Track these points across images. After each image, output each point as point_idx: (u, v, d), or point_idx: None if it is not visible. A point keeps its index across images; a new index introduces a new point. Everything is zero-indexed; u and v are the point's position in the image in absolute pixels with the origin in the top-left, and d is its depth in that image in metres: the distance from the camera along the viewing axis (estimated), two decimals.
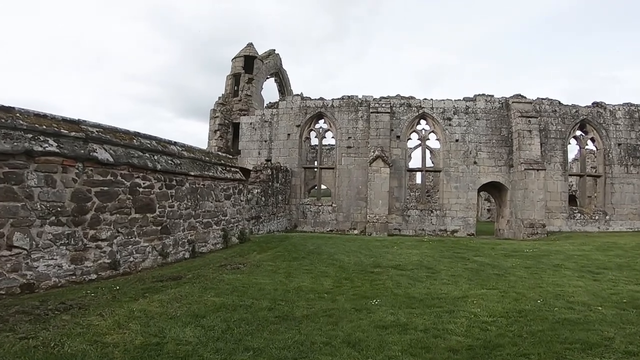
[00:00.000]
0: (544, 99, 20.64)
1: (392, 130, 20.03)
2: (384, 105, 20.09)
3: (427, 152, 21.37)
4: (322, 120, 21.32)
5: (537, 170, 18.25)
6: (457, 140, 20.06)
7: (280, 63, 26.66)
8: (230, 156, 10.71)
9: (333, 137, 21.20)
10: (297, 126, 20.71)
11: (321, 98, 21.12)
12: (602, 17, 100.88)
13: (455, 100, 20.51)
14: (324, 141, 23.20)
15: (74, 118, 6.33)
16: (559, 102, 20.66)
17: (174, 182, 7.89)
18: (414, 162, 22.30)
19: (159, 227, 7.56)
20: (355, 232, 19.64)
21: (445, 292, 5.80)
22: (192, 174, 8.39)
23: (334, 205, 20.42)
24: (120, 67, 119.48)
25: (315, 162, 25.67)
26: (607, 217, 19.88)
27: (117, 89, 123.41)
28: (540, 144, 19.24)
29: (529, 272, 7.39)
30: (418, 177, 34.24)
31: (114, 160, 6.50)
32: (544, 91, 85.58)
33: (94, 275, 6.19)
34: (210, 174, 9.12)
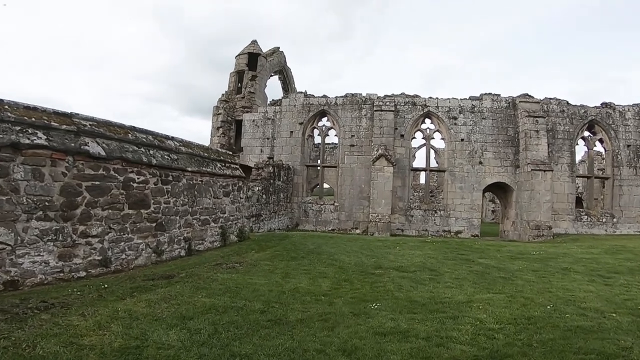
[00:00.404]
0: (552, 98, 20.24)
1: (396, 129, 19.71)
2: (388, 103, 19.78)
3: (431, 151, 21.04)
4: (325, 118, 21.05)
5: (544, 171, 17.87)
6: (462, 140, 19.72)
7: (285, 61, 26.41)
8: (230, 152, 10.47)
9: (336, 136, 20.93)
10: (300, 124, 20.45)
11: (324, 96, 20.85)
12: (609, 17, 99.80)
13: (461, 99, 20.16)
14: (327, 139, 22.97)
15: (65, 111, 6.11)
16: (567, 102, 20.25)
17: (170, 178, 7.67)
18: (418, 161, 21.96)
19: (154, 224, 7.34)
20: (357, 231, 19.37)
21: (449, 296, 5.52)
22: (189, 169, 8.16)
23: (336, 204, 20.15)
24: (126, 66, 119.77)
25: (318, 160, 25.44)
26: (614, 219, 19.47)
27: (124, 87, 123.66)
28: (548, 145, 18.86)
29: (537, 276, 7.10)
30: (422, 177, 33.89)
31: (106, 154, 6.28)
32: (552, 92, 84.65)
33: (83, 273, 5.98)
34: (209, 170, 8.88)
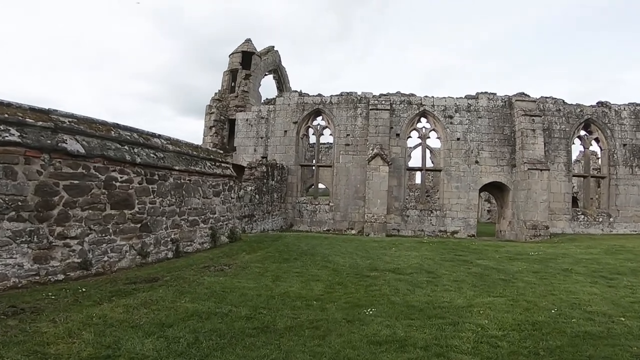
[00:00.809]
0: (548, 97, 20.09)
1: (392, 128, 19.46)
2: (383, 102, 19.53)
3: (427, 151, 20.82)
4: (320, 117, 20.75)
5: (540, 170, 17.69)
6: (458, 139, 19.50)
7: (279, 60, 26.07)
8: (221, 151, 10.14)
9: (331, 135, 20.61)
10: (294, 123, 20.14)
11: (319, 94, 20.56)
12: (610, 17, 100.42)
13: (457, 98, 19.94)
14: (322, 139, 22.65)
15: (43, 107, 5.79)
16: (563, 101, 20.10)
17: (156, 177, 7.33)
18: (414, 161, 21.78)
19: (138, 225, 7.01)
20: (352, 232, 19.08)
21: (447, 300, 5.24)
22: (176, 168, 7.83)
23: (331, 204, 19.85)
24: (125, 65, 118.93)
25: (313, 160, 25.12)
26: (611, 219, 19.34)
27: (122, 87, 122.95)
28: (544, 144, 18.69)
29: (538, 278, 6.84)
30: (417, 177, 33.70)
31: (86, 152, 5.94)
32: (551, 92, 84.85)
33: (61, 276, 5.65)
34: (198, 169, 8.55)
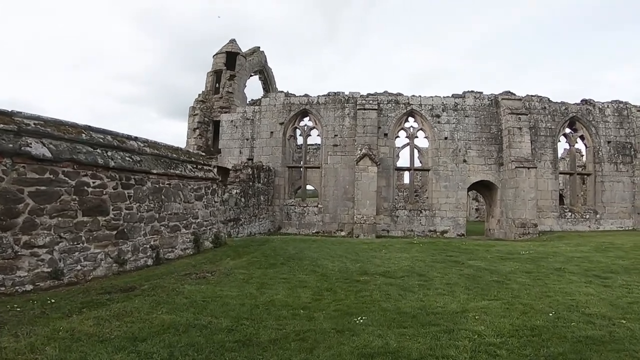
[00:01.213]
0: (534, 96, 20.18)
1: (380, 127, 19.29)
2: (371, 101, 19.35)
3: (415, 151, 20.71)
4: (307, 118, 20.47)
5: (528, 168, 17.71)
6: (446, 138, 19.44)
7: (265, 60, 25.72)
8: (202, 153, 9.77)
9: (319, 136, 20.36)
10: (281, 124, 19.81)
11: (306, 95, 20.28)
12: (589, 19, 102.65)
13: (444, 97, 19.90)
14: (310, 140, 22.38)
15: (6, 109, 5.38)
16: (549, 100, 20.23)
17: (132, 181, 6.95)
18: (402, 161, 21.64)
19: (114, 232, 6.62)
20: (342, 233, 18.82)
21: (441, 305, 4.99)
22: (154, 172, 7.45)
23: (319, 206, 19.57)
24: (105, 67, 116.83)
25: (301, 161, 24.81)
26: (597, 215, 19.50)
27: (102, 89, 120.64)
28: (531, 142, 18.75)
29: (532, 278, 6.65)
30: (406, 177, 33.65)
31: (53, 155, 5.54)
32: (534, 90, 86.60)
33: (30, 287, 5.26)
34: (178, 172, 8.17)
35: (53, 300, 4.80)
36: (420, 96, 19.88)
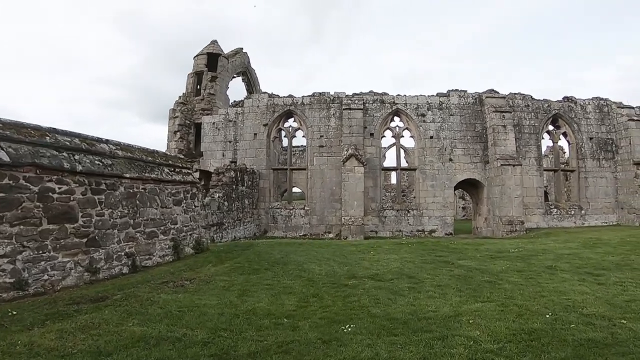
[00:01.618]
0: (517, 93, 20.28)
1: (366, 127, 19.09)
2: (356, 101, 19.14)
3: (401, 151, 20.57)
4: (291, 119, 20.12)
5: (513, 165, 17.73)
6: (431, 137, 19.35)
7: (249, 62, 25.33)
8: (181, 156, 9.37)
9: (304, 137, 20.03)
10: (265, 125, 19.43)
11: (290, 95, 19.95)
12: (570, 19, 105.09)
13: (428, 95, 19.83)
14: (295, 141, 22.04)
15: None
16: (531, 97, 20.35)
17: (103, 186, 6.52)
18: (389, 161, 21.49)
19: (84, 239, 6.19)
20: (330, 235, 18.51)
21: (433, 309, 4.72)
22: (127, 176, 7.02)
23: (306, 208, 19.23)
24: (84, 70, 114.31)
25: (287, 163, 24.43)
26: (582, 211, 19.65)
27: (82, 93, 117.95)
28: (515, 139, 18.80)
29: (524, 277, 6.46)
30: (393, 177, 33.62)
31: (12, 160, 5.11)
32: (516, 88, 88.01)
33: None
34: (153, 176, 7.75)
35: (15, 312, 4.47)
36: (405, 95, 19.77)
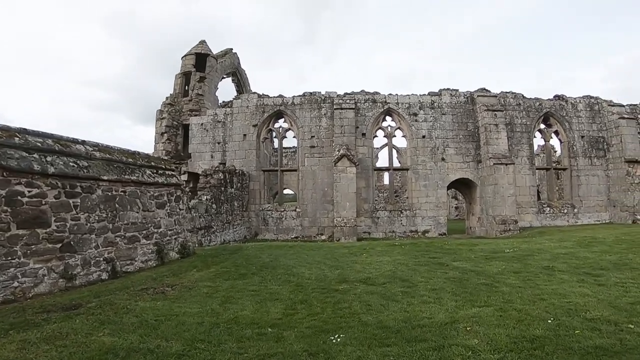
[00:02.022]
0: (508, 92, 20.19)
1: (358, 127, 18.84)
2: (348, 101, 18.89)
3: (393, 151, 20.36)
4: (282, 119, 19.80)
5: (505, 164, 17.60)
6: (423, 137, 19.16)
7: (239, 62, 24.97)
8: (165, 158, 9.01)
9: (295, 137, 19.72)
10: (254, 126, 19.08)
11: (280, 95, 19.63)
12: (559, 20, 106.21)
13: (420, 95, 19.66)
14: (286, 142, 21.72)
15: None
16: (523, 96, 20.28)
17: (78, 189, 6.16)
18: (381, 162, 21.27)
19: (58, 245, 5.83)
20: (322, 237, 18.20)
21: (427, 316, 4.43)
22: (105, 178, 6.66)
23: (298, 210, 18.90)
24: (73, 72, 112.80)
25: (278, 164, 24.07)
26: (575, 210, 19.60)
27: (73, 96, 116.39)
28: (507, 138, 18.68)
29: (521, 279, 6.21)
30: (385, 178, 33.42)
31: None
32: (508, 87, 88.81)
33: None
34: (134, 178, 7.39)
35: None
36: (397, 95, 19.58)
